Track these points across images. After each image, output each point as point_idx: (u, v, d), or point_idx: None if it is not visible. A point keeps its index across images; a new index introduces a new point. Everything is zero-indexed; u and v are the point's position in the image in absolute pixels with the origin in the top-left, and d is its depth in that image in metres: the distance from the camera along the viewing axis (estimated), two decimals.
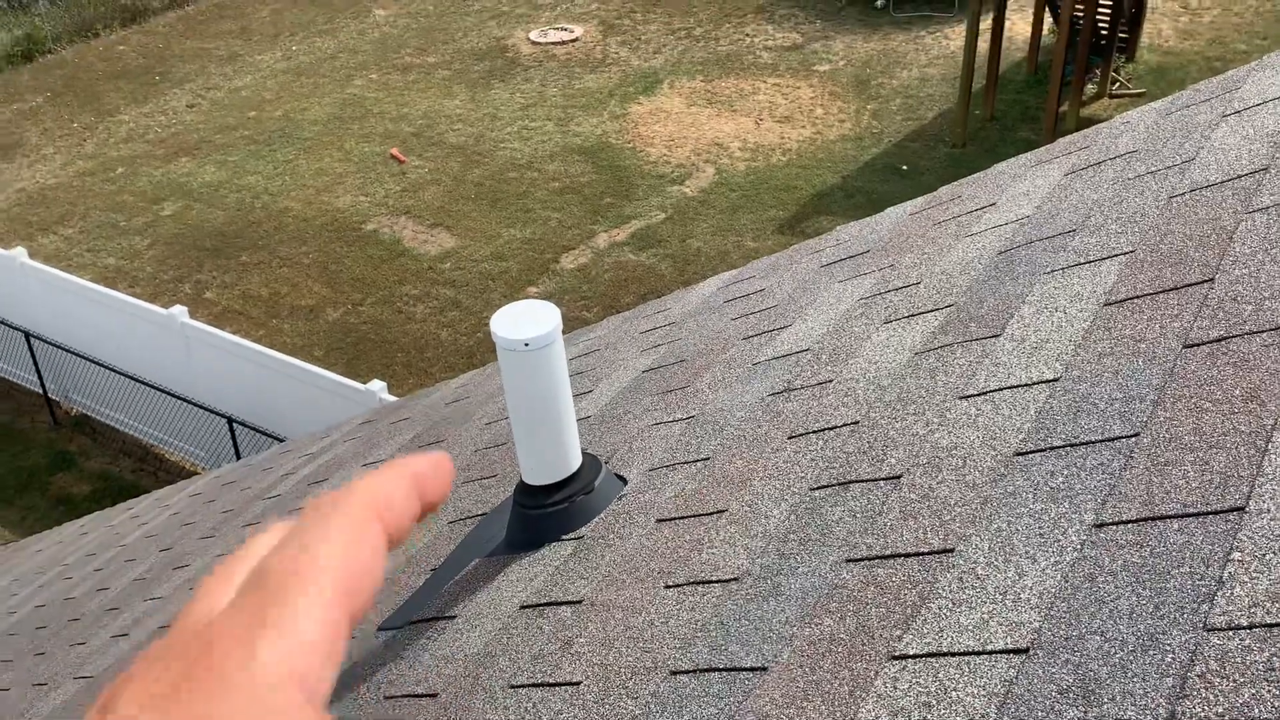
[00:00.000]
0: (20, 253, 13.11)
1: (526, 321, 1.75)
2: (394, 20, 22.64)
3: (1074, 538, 1.12)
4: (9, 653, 3.66)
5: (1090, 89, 15.98)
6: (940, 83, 17.57)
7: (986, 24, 15.51)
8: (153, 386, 11.70)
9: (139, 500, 5.54)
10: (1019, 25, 17.94)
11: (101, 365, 12.15)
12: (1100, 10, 15.07)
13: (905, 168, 15.54)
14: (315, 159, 17.68)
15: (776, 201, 15.19)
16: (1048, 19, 16.99)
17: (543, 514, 1.85)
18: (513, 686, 1.47)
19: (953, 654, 1.06)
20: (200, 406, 11.37)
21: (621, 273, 14.19)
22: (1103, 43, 15.59)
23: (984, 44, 15.61)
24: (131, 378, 11.85)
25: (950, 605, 1.12)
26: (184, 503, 4.53)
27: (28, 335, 12.59)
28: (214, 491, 4.37)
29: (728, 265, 13.29)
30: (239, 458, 10.73)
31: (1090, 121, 14.37)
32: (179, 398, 11.52)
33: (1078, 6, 14.56)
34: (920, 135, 16.34)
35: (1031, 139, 15.14)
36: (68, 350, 12.44)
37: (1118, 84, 16.27)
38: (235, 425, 10.97)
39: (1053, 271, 1.75)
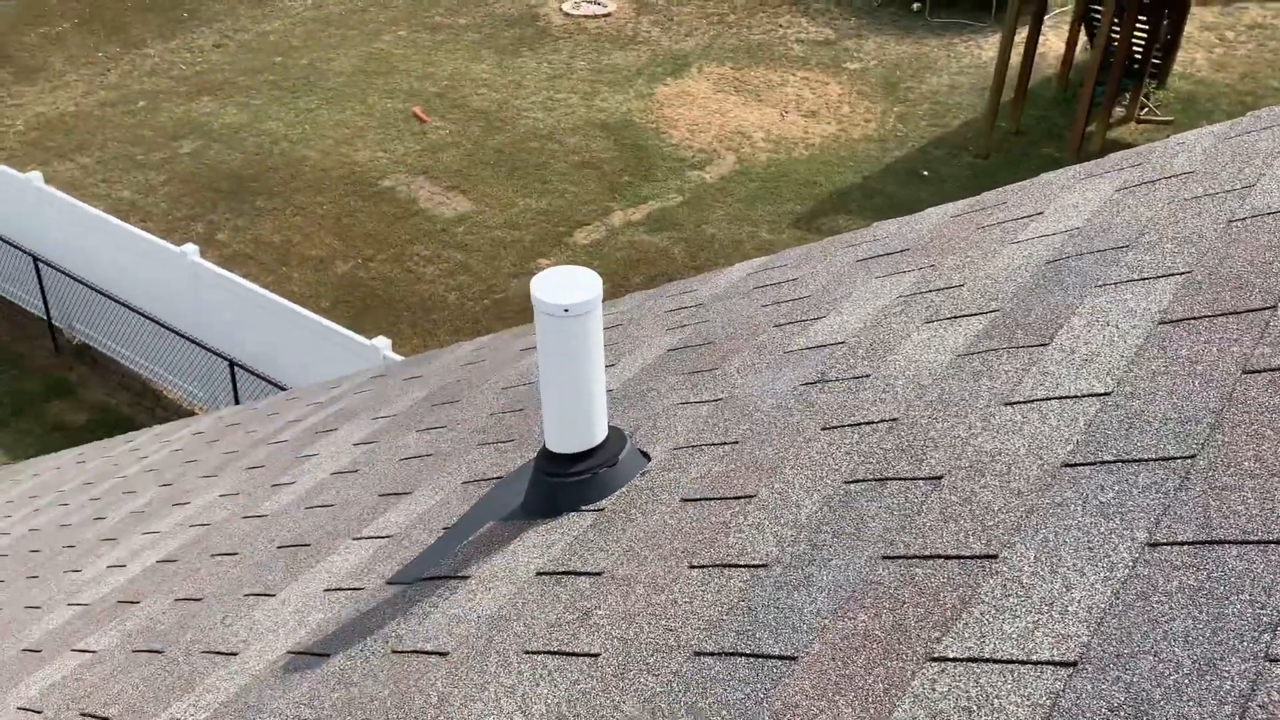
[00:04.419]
0: (35, 176, 13.06)
1: (568, 287, 1.72)
2: None
3: (1125, 554, 1.10)
4: (2, 574, 3.65)
5: (1118, 111, 15.91)
6: (969, 92, 17.49)
7: (1021, 37, 15.43)
8: (157, 322, 11.67)
9: (139, 434, 5.52)
10: (1053, 41, 17.86)
11: (107, 296, 12.11)
12: (1136, 34, 15.00)
13: (927, 173, 15.49)
14: (337, 110, 17.61)
15: (795, 195, 15.14)
16: (1082, 37, 16.90)
17: (564, 482, 1.83)
18: (527, 652, 1.45)
19: (996, 661, 1.03)
20: (203, 346, 11.34)
21: (634, 253, 14.15)
22: (1136, 66, 15.51)
23: (1016, 57, 15.53)
24: (137, 311, 11.82)
25: (993, 611, 1.10)
26: (186, 440, 4.51)
27: (36, 259, 12.55)
28: (217, 432, 4.35)
29: (741, 255, 13.26)
30: (237, 401, 10.72)
31: (1116, 144, 14.30)
32: (182, 335, 11.49)
33: (1114, 28, 14.48)
34: (944, 142, 16.28)
35: (1055, 156, 15.08)
36: (75, 278, 12.39)
37: (1146, 109, 16.20)
38: (236, 368, 10.94)
39: (1104, 285, 1.72)
